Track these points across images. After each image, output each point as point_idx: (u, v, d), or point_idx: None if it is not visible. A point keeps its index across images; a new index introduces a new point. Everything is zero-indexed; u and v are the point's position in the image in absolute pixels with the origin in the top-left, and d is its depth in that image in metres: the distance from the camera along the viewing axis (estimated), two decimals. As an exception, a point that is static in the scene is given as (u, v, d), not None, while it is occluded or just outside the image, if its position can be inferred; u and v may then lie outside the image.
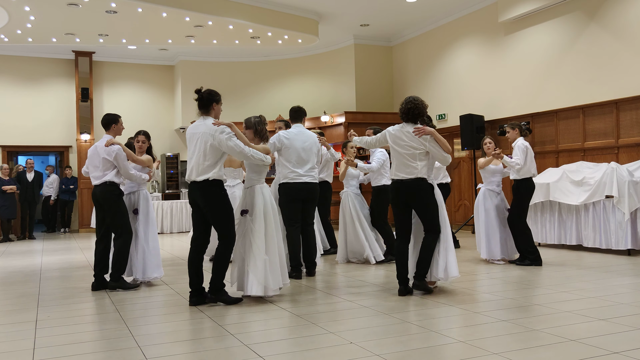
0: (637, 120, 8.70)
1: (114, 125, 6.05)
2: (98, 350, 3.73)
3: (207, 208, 4.89)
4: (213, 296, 4.98)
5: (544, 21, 10.17)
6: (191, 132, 5.00)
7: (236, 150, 4.83)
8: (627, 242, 7.31)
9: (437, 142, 5.17)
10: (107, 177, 5.90)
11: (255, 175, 5.20)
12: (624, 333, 3.75)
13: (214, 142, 4.82)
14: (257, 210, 5.04)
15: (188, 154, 5.00)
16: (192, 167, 4.92)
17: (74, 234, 14.04)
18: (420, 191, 5.14)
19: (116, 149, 5.86)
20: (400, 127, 5.27)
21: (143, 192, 6.20)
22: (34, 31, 11.58)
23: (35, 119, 14.35)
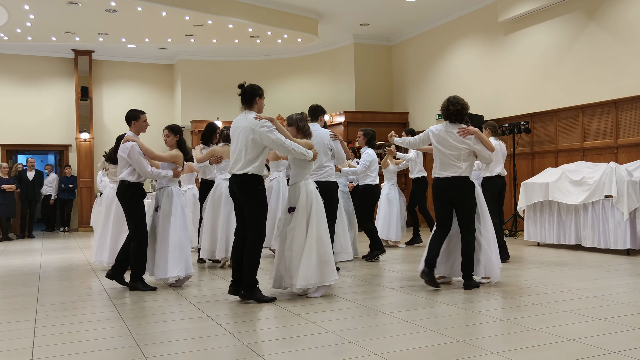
0: (637, 120, 8.71)
1: (134, 122, 5.92)
2: (97, 349, 3.73)
3: (243, 201, 4.98)
4: (245, 294, 4.98)
5: (543, 21, 10.17)
6: (234, 126, 5.09)
7: (277, 143, 4.89)
8: (626, 241, 7.32)
9: (481, 142, 5.37)
10: (122, 175, 5.78)
11: (299, 171, 5.20)
12: (623, 333, 3.75)
13: (255, 136, 4.89)
14: (300, 207, 5.07)
15: (231, 148, 5.09)
16: (234, 161, 5.00)
17: (73, 232, 14.03)
18: (463, 190, 5.35)
19: (129, 146, 5.70)
20: (445, 128, 5.43)
21: (167, 190, 5.92)
22: (33, 30, 11.57)
23: (35, 118, 14.34)
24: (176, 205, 5.88)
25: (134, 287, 5.75)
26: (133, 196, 5.76)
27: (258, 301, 4.95)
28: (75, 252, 9.57)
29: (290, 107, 14.77)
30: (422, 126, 13.02)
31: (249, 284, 4.94)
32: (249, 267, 4.92)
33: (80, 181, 14.36)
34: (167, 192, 5.91)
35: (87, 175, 14.44)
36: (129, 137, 5.77)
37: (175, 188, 5.97)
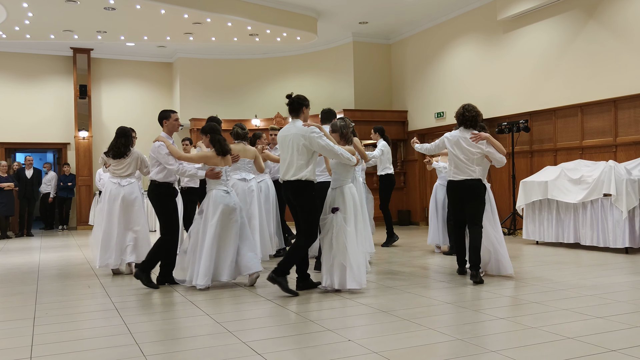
0: (635, 118, 8.71)
1: (166, 121, 5.92)
2: (96, 347, 3.73)
3: (298, 206, 5.25)
4: (274, 276, 5.15)
5: (542, 19, 10.17)
6: (283, 134, 5.35)
7: (327, 148, 5.16)
8: (624, 240, 7.32)
9: (492, 146, 5.79)
10: (151, 174, 5.84)
11: (343, 175, 5.44)
12: (622, 331, 3.75)
13: (305, 142, 5.16)
14: (348, 210, 5.34)
15: (281, 156, 5.35)
16: (286, 167, 5.25)
17: (72, 231, 14.02)
18: (476, 191, 5.76)
19: (157, 145, 5.71)
20: (459, 133, 5.88)
21: (210, 193, 5.68)
22: (32, 28, 11.55)
23: (33, 116, 14.32)
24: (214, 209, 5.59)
25: (139, 276, 5.70)
26: (160, 195, 5.77)
27: (283, 289, 5.17)
28: (74, 251, 9.56)
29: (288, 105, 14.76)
30: (422, 124, 13.04)
31: (284, 270, 5.18)
32: (291, 259, 5.20)
33: (79, 179, 14.34)
34: (208, 195, 5.71)
35: (86, 173, 14.43)
36: (160, 137, 5.79)
37: (216, 190, 5.64)
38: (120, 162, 6.74)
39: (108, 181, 6.84)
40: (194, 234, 5.73)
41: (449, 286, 5.53)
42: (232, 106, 15.06)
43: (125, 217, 6.66)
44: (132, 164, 6.77)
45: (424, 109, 12.98)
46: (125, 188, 6.71)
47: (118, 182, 6.73)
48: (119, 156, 6.73)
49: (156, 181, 5.80)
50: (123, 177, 6.76)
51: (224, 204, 5.57)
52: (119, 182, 6.73)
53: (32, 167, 13.16)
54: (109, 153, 6.81)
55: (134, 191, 6.74)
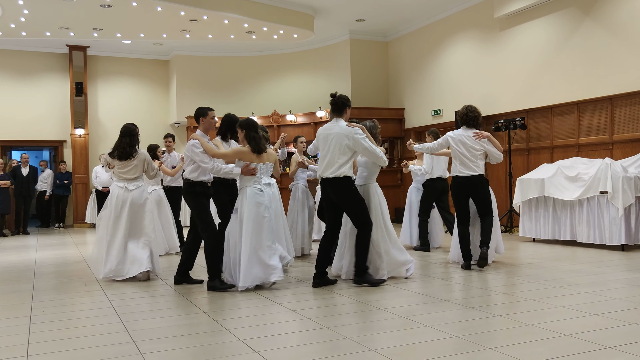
0: (632, 116, 8.73)
1: (202, 119, 5.68)
2: (92, 346, 3.72)
3: (340, 202, 5.42)
4: (359, 278, 5.41)
5: (539, 17, 10.18)
6: (325, 132, 5.50)
7: (369, 150, 5.39)
8: (620, 237, 7.34)
9: (492, 144, 6.22)
10: (185, 173, 5.65)
11: (371, 174, 5.73)
12: (618, 328, 3.77)
13: (349, 142, 5.34)
14: (374, 207, 5.59)
15: (322, 153, 5.49)
16: (326, 165, 5.40)
17: (68, 229, 13.99)
18: (480, 186, 6.16)
19: (191, 143, 5.51)
20: (462, 132, 6.24)
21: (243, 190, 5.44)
22: (27, 25, 11.50)
23: (29, 114, 14.28)
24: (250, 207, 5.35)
25: (213, 287, 5.41)
26: (194, 194, 5.56)
27: (371, 284, 5.37)
28: (71, 249, 9.54)
29: (286, 103, 14.78)
30: (419, 122, 13.04)
31: (362, 269, 5.42)
32: (361, 255, 5.41)
33: (75, 177, 14.30)
34: (242, 193, 5.46)
35: (82, 171, 14.39)
36: (195, 135, 5.59)
37: (250, 188, 5.42)
38: (126, 164, 6.20)
39: (114, 185, 6.27)
40: (232, 235, 5.46)
41: (445, 283, 5.53)
42: (229, 104, 15.02)
43: (135, 225, 6.14)
44: (139, 166, 6.26)
45: (420, 107, 12.98)
46: (133, 193, 6.17)
47: (125, 186, 6.18)
48: (124, 157, 6.19)
49: (190, 180, 5.60)
50: (130, 180, 6.22)
51: (258, 202, 5.37)
52: (126, 186, 6.18)
53: (27, 164, 13.12)
54: (113, 154, 6.25)
55: (142, 195, 6.24)
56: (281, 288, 5.45)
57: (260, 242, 5.31)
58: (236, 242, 5.38)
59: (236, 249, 5.39)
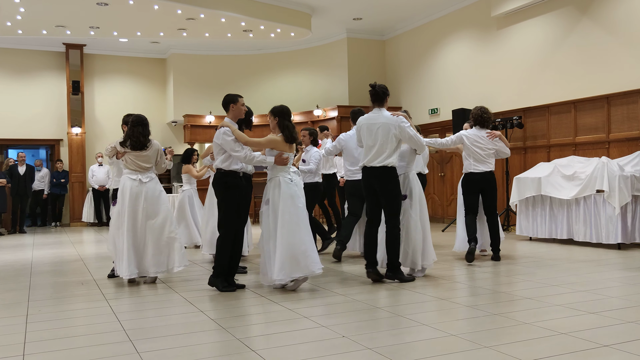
0: (628, 115, 8.75)
1: (233, 106, 5.43)
2: (89, 345, 3.72)
3: (382, 190, 5.46)
4: (391, 274, 5.46)
5: (536, 16, 10.19)
6: (369, 122, 5.54)
7: (414, 138, 5.52)
8: (617, 236, 7.36)
9: (502, 142, 6.78)
10: (216, 163, 5.38)
11: (408, 162, 5.82)
12: (614, 326, 3.77)
13: (395, 131, 5.44)
14: (415, 195, 5.73)
15: (366, 143, 5.51)
16: (374, 154, 5.45)
17: (65, 227, 13.97)
18: (493, 181, 6.77)
19: (222, 131, 5.26)
20: (476, 132, 6.72)
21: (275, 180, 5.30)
22: (24, 23, 11.47)
23: (26, 112, 14.24)
24: (285, 197, 5.19)
25: (214, 284, 5.29)
26: (227, 185, 5.30)
27: (401, 281, 5.43)
28: (67, 247, 9.52)
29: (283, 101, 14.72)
30: (415, 120, 13.03)
31: (395, 264, 5.46)
32: (393, 250, 5.45)
33: (72, 176, 14.28)
34: (274, 183, 5.29)
35: (79, 169, 14.37)
36: (225, 122, 5.35)
37: (282, 178, 5.27)
38: (139, 154, 5.81)
39: (125, 178, 5.82)
40: (265, 227, 5.26)
41: (442, 282, 5.54)
42: (226, 102, 15.00)
43: (151, 219, 5.77)
44: (153, 157, 5.91)
45: (418, 105, 12.99)
46: (147, 185, 5.82)
47: (138, 178, 5.79)
48: (138, 147, 5.79)
49: (222, 169, 5.31)
50: (143, 171, 5.85)
51: (292, 193, 5.23)
52: (139, 178, 5.80)
53: (24, 163, 13.08)
54: (125, 143, 5.81)
55: (157, 187, 5.89)
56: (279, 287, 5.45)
57: (298, 233, 5.12)
58: (270, 234, 5.20)
59: (269, 242, 5.20)
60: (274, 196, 5.21)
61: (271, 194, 5.25)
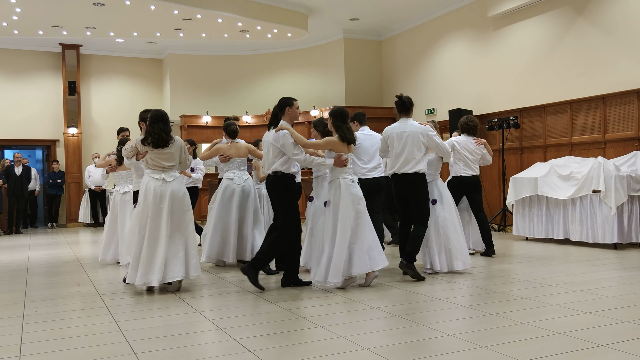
0: (624, 115, 8.78)
1: (288, 109, 5.41)
2: (86, 345, 3.71)
3: (414, 196, 5.70)
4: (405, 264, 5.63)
5: (532, 16, 10.21)
6: (398, 131, 5.77)
7: (440, 146, 5.85)
8: (613, 236, 7.38)
9: (486, 149, 7.30)
10: (274, 166, 5.36)
11: (435, 170, 6.15)
12: (611, 326, 3.78)
13: (424, 139, 5.73)
14: (447, 201, 6.06)
15: (396, 150, 5.73)
16: (403, 161, 5.69)
17: (61, 228, 13.93)
18: (479, 183, 7.24)
19: (281, 134, 5.27)
20: (465, 139, 7.24)
21: (335, 182, 5.35)
22: (20, 23, 11.44)
23: (22, 113, 14.21)
24: (346, 199, 5.23)
25: (247, 273, 5.29)
26: (285, 187, 5.34)
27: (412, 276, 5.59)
28: (64, 248, 9.50)
29: (280, 102, 14.75)
30: (412, 121, 13.05)
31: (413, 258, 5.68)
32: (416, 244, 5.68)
33: (68, 176, 14.25)
34: (335, 185, 5.31)
35: (75, 170, 14.34)
36: (283, 125, 5.32)
37: (343, 180, 5.30)
38: (161, 152, 5.38)
39: (148, 178, 5.42)
40: (325, 229, 5.30)
41: (438, 282, 5.54)
42: (222, 103, 15.01)
43: (175, 222, 5.37)
44: (176, 154, 5.47)
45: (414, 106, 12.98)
46: (171, 184, 5.38)
47: (162, 177, 5.37)
48: (161, 144, 5.35)
49: (280, 172, 5.34)
50: (167, 170, 5.44)
51: (354, 194, 5.27)
52: (163, 177, 5.37)
53: (21, 164, 13.04)
54: (146, 140, 5.36)
55: (182, 187, 5.48)
56: (275, 287, 5.45)
57: (361, 234, 5.23)
58: (330, 236, 5.23)
59: (325, 243, 5.25)
60: (335, 198, 5.27)
61: (332, 196, 5.31)
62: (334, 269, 5.12)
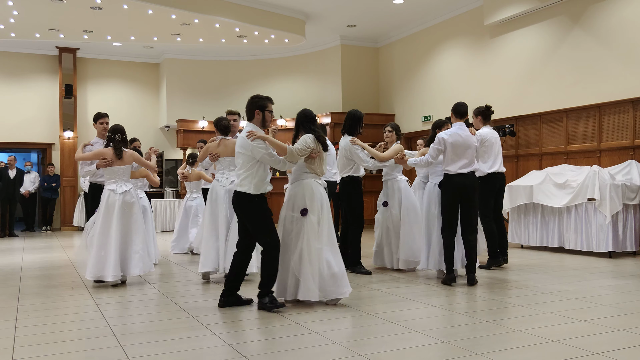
0: (619, 124, 8.82)
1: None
2: (79, 349, 3.69)
3: (476, 194, 5.95)
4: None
5: (529, 25, 10.26)
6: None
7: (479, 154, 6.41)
8: (608, 244, 7.40)
9: None
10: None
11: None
12: (605, 334, 3.79)
13: (477, 145, 6.11)
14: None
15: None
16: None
17: (55, 232, 13.87)
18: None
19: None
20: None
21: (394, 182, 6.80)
22: (17, 26, 11.42)
23: (18, 116, 14.16)
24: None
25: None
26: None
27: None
28: (58, 252, 9.45)
29: (277, 107, 14.73)
30: (409, 128, 13.08)
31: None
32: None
33: (63, 180, 14.20)
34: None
35: (71, 174, 14.29)
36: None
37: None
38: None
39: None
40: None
41: (433, 290, 5.54)
42: (219, 108, 14.98)
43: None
44: None
45: (411, 113, 13.03)
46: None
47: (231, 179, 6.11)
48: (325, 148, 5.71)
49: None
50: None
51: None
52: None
53: (14, 167, 12.97)
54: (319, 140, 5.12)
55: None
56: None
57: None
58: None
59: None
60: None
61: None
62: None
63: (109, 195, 5.94)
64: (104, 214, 5.87)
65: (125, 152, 6.07)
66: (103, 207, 5.91)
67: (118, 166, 5.99)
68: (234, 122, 6.55)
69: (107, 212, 5.87)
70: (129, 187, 6.04)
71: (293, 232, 4.85)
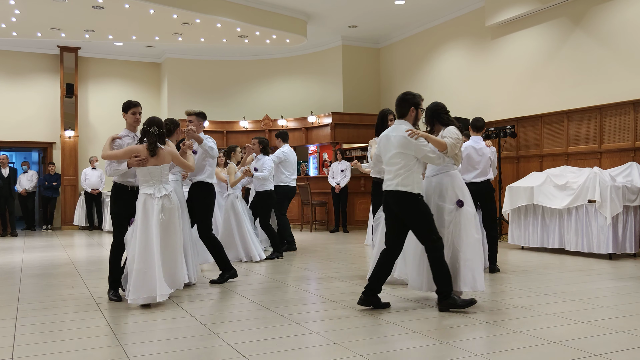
0: (620, 125, 8.81)
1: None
2: (79, 348, 3.69)
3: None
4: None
5: (530, 26, 10.26)
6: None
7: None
8: (608, 246, 7.40)
9: None
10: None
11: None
12: (605, 336, 3.79)
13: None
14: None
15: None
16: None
17: (56, 231, 13.88)
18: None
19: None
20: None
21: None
22: (18, 25, 11.44)
23: (19, 115, 14.17)
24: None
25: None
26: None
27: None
28: (58, 251, 9.46)
29: (278, 108, 14.78)
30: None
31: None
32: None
33: (64, 179, 14.21)
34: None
35: (71, 173, 14.30)
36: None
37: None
38: None
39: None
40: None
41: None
42: (220, 108, 15.01)
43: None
44: None
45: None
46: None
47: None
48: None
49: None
50: None
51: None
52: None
53: (7, 165, 12.94)
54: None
55: None
56: (270, 293, 5.43)
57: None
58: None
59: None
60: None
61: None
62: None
63: (145, 200, 5.01)
64: (142, 223, 4.95)
65: (162, 149, 5.14)
66: (140, 216, 4.98)
67: (153, 165, 5.08)
68: (190, 122, 6.12)
69: (146, 220, 4.96)
70: (169, 189, 5.15)
71: (452, 224, 4.73)
